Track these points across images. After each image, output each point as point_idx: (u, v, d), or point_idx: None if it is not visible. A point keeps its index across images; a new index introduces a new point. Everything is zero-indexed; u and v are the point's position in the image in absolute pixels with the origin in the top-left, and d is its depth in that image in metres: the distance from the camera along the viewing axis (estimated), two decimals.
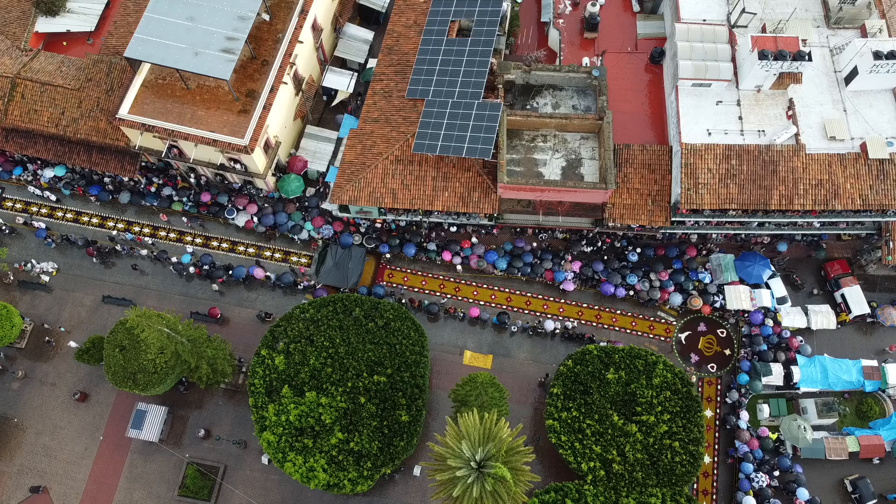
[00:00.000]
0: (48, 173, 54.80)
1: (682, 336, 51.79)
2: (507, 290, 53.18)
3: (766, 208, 46.65)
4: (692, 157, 46.80)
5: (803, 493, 46.32)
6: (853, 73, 47.40)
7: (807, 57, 45.82)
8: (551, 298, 52.81)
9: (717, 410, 49.90)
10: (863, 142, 46.47)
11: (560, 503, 42.27)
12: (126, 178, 54.32)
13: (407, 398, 45.23)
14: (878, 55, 45.61)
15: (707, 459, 48.12)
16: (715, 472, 48.43)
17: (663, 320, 52.30)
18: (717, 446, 49.07)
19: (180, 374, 46.51)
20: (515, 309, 52.62)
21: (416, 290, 53.15)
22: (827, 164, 46.58)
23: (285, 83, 50.34)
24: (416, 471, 47.72)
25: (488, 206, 48.88)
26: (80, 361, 48.52)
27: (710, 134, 47.41)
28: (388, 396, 45.32)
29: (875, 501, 46.30)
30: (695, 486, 47.96)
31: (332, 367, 45.80)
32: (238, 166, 50.49)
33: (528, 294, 53.01)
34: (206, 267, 52.54)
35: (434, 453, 37.31)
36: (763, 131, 47.27)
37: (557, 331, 51.26)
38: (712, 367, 50.85)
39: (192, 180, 53.98)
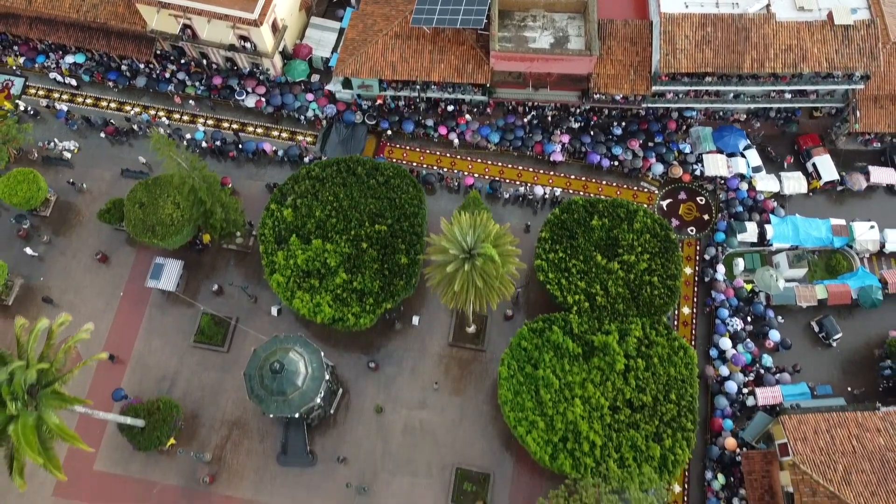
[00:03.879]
0: (69, 59, 58.45)
1: (664, 203, 55.20)
2: (499, 163, 56.64)
3: (739, 72, 50.20)
4: (670, 24, 50.31)
5: (775, 335, 49.64)
6: None
7: None
8: (541, 171, 56.28)
9: (696, 268, 53.30)
10: (829, 11, 49.99)
11: (547, 330, 45.75)
12: (142, 65, 57.94)
13: (406, 244, 48.71)
14: None
15: (686, 311, 51.63)
16: (694, 321, 51.83)
17: (646, 190, 55.73)
18: (695, 300, 52.48)
19: (195, 224, 49.95)
20: (508, 181, 56.05)
21: (414, 164, 56.65)
22: (796, 31, 50.08)
23: None
24: (415, 321, 51.10)
25: (481, 76, 52.40)
26: (102, 220, 52.08)
27: (686, 6, 50.98)
28: (388, 243, 48.82)
29: (840, 335, 49.59)
30: (674, 323, 51.22)
31: (336, 218, 49.32)
32: (248, 45, 54.03)
33: (520, 167, 56.47)
34: (217, 143, 56.10)
35: (431, 247, 40.62)
36: (737, 3, 50.80)
37: (547, 196, 54.65)
38: (691, 230, 54.29)
39: (203, 63, 57.48)
